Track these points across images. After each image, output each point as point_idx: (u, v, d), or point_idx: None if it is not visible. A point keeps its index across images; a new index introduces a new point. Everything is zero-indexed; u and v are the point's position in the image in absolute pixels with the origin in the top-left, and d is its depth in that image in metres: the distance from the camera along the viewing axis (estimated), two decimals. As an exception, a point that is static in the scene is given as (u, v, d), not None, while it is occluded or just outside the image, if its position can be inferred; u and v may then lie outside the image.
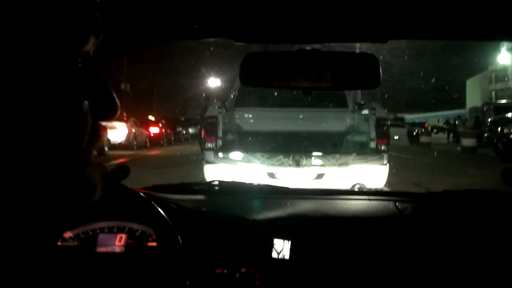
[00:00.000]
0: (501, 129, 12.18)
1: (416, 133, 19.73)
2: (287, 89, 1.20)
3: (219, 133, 4.66)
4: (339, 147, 5.07)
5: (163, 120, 20.14)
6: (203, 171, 4.44)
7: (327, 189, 1.64)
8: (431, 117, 46.23)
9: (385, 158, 4.40)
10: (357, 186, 2.81)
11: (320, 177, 4.34)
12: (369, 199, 1.26)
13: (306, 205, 1.21)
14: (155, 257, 0.91)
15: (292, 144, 4.93)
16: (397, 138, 17.69)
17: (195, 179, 4.03)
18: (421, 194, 1.38)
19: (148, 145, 16.30)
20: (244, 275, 0.92)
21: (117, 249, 0.94)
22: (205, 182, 1.66)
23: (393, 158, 4.95)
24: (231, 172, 4.27)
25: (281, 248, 0.95)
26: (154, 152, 14.33)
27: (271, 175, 4.35)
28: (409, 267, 0.93)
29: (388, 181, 4.43)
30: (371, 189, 3.25)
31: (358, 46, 6.76)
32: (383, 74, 0.96)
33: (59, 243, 0.93)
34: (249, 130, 5.27)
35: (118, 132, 13.56)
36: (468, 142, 13.74)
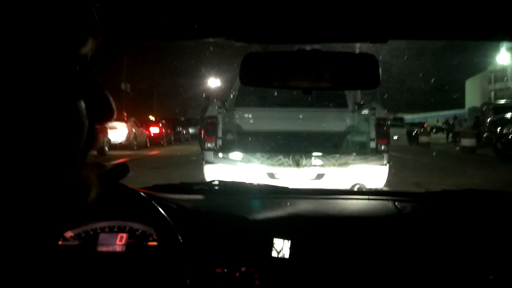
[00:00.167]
0: (500, 129, 12.17)
1: (415, 133, 19.73)
2: (287, 89, 1.20)
3: (219, 133, 4.66)
4: (339, 147, 5.07)
5: (163, 120, 20.14)
6: (203, 171, 4.44)
7: (327, 189, 1.64)
8: (430, 117, 46.19)
9: (385, 158, 4.39)
10: (357, 186, 2.82)
11: (320, 177, 4.34)
12: (369, 199, 1.26)
13: (305, 205, 1.21)
14: (155, 257, 0.91)
15: (292, 144, 4.93)
16: (396, 138, 17.68)
17: (195, 179, 4.04)
18: (420, 193, 1.38)
19: (148, 145, 16.31)
20: (244, 275, 0.92)
21: (118, 248, 0.94)
22: (205, 182, 1.66)
23: (392, 158, 4.95)
24: (231, 172, 4.27)
25: (281, 247, 0.95)
26: (154, 152, 14.32)
27: (271, 175, 4.35)
28: (408, 266, 0.94)
29: (387, 181, 4.43)
30: (370, 189, 3.25)
31: (358, 46, 6.78)
32: (383, 74, 0.96)
33: (60, 243, 0.93)
34: (249, 130, 5.27)
35: (118, 132, 13.57)
36: (467, 142, 13.75)
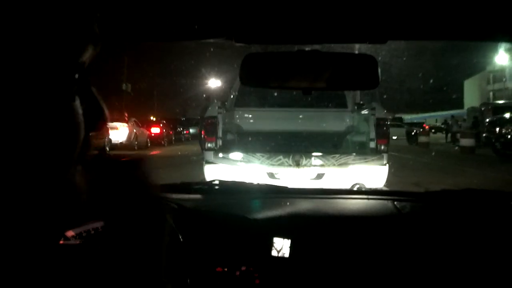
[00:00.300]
0: (499, 129, 12.18)
1: (414, 133, 19.75)
2: (287, 89, 1.21)
3: (219, 133, 4.65)
4: (338, 147, 5.07)
5: (164, 120, 20.14)
6: (203, 171, 4.44)
7: (327, 189, 1.64)
8: (429, 117, 46.17)
9: (384, 158, 4.38)
10: (357, 186, 2.82)
11: (320, 177, 4.34)
12: (368, 199, 1.27)
13: (305, 205, 1.21)
14: (155, 256, 0.91)
15: (292, 144, 4.93)
16: (395, 138, 17.70)
17: (195, 179, 4.03)
18: (419, 193, 1.38)
19: (149, 145, 16.31)
20: (244, 273, 0.92)
21: None
22: (206, 181, 1.66)
23: (392, 157, 4.94)
24: (231, 172, 4.27)
25: (281, 246, 0.96)
26: (154, 152, 14.32)
27: (271, 175, 4.35)
28: (408, 266, 0.94)
29: (387, 181, 4.42)
30: (370, 189, 3.25)
31: (357, 47, 6.78)
32: (382, 74, 0.96)
33: (61, 242, 0.94)
34: (249, 130, 5.27)
35: (119, 132, 13.58)
36: (466, 142, 13.74)
